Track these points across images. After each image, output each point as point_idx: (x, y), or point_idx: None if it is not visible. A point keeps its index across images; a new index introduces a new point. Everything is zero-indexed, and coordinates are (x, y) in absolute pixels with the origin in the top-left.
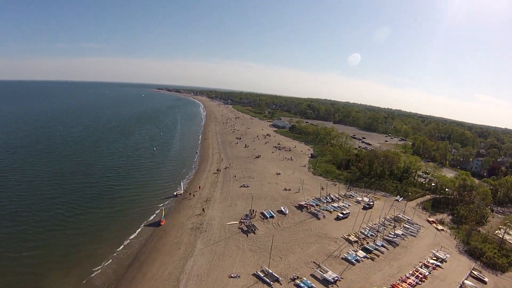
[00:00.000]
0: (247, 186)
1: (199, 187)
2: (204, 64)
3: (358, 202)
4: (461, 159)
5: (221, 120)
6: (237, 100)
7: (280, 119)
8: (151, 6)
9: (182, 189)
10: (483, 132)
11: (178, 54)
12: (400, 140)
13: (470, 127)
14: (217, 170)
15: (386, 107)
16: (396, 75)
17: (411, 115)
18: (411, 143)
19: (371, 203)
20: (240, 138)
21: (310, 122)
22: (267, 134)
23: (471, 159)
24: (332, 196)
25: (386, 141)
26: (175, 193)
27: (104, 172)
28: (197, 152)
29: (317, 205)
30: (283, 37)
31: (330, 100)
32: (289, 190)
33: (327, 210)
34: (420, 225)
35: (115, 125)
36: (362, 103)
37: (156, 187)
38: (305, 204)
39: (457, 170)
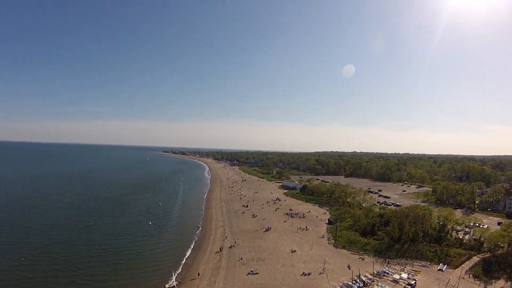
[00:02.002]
0: (257, 273)
1: (198, 274)
2: (210, 125)
3: (396, 281)
4: (491, 201)
5: (227, 184)
6: (243, 160)
7: (290, 178)
8: (158, 72)
9: (174, 280)
10: (498, 164)
11: (185, 117)
12: (417, 187)
13: (482, 159)
14: (220, 249)
15: (393, 152)
16: (399, 119)
17: (420, 156)
18: (431, 190)
19: (413, 282)
20: (247, 206)
21: (320, 178)
22: (277, 199)
23: (500, 199)
24: (364, 278)
25: (404, 191)
26: (166, 287)
27: (86, 260)
28: (198, 226)
29: None
30: (286, 94)
31: (337, 152)
32: (309, 274)
33: None
34: None
35: (110, 194)
36: (369, 151)
37: (147, 279)
38: None
39: (489, 213)
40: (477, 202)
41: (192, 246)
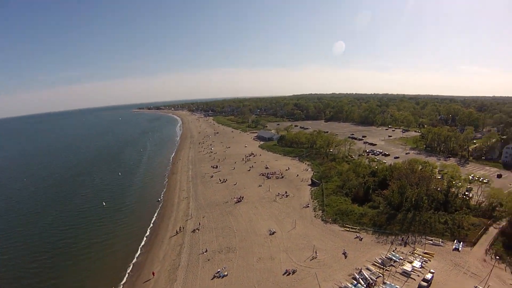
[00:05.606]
0: (225, 276)
1: (153, 273)
2: (185, 75)
3: (407, 274)
4: (485, 148)
5: (198, 139)
6: (219, 110)
7: (266, 127)
8: (118, 29)
9: None
10: (482, 106)
11: (158, 69)
12: (403, 132)
13: (463, 101)
14: (180, 229)
15: (373, 93)
16: (378, 59)
17: (400, 97)
18: (419, 135)
19: (429, 276)
20: (216, 167)
21: (299, 124)
22: (251, 154)
23: (495, 147)
24: (367, 274)
25: (389, 136)
26: None
27: (11, 275)
28: (159, 201)
29: None
30: (263, 38)
31: (316, 94)
32: (294, 273)
33: None
34: None
35: (68, 171)
36: (348, 92)
37: None
38: None
39: (484, 162)
40: (470, 149)
41: (149, 231)
